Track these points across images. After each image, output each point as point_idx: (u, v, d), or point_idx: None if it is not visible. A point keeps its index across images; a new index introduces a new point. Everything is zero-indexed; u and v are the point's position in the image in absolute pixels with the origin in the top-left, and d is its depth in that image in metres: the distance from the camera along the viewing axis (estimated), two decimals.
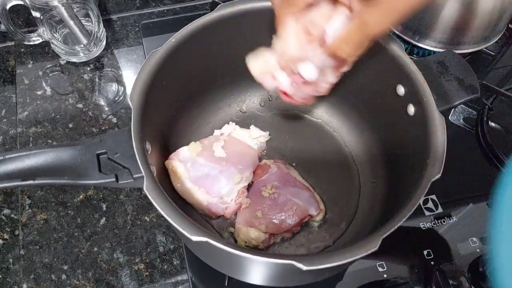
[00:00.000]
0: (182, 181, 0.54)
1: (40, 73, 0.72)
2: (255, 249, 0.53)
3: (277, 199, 0.54)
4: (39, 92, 0.70)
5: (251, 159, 0.58)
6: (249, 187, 0.57)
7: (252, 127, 0.63)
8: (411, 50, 0.74)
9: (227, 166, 0.56)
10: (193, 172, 0.55)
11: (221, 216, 0.56)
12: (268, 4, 0.53)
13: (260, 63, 0.48)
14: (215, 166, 0.55)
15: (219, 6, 0.52)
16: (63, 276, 0.55)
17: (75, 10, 0.67)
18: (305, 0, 0.41)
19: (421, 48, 0.72)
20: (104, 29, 0.74)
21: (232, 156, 0.57)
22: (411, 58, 0.50)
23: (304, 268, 0.35)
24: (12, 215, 0.59)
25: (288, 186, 0.55)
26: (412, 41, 0.71)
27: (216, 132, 0.62)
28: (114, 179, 0.41)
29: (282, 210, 0.53)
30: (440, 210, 0.60)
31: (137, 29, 0.78)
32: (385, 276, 0.54)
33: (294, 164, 0.61)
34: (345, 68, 0.45)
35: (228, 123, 0.63)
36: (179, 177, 0.54)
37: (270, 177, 0.57)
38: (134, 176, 0.41)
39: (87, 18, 0.72)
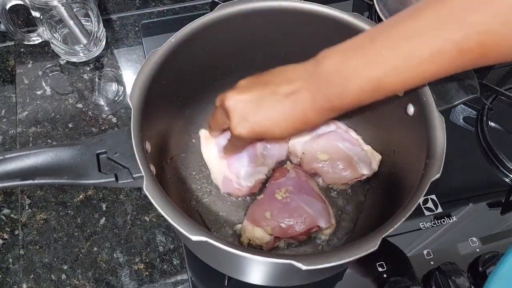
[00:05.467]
0: (210, 148, 0.58)
1: (40, 73, 0.72)
2: (256, 249, 0.53)
3: (289, 204, 0.53)
4: (38, 92, 0.70)
5: (278, 151, 0.59)
6: (264, 185, 0.58)
7: None
8: None
9: (254, 148, 0.57)
10: (223, 142, 0.57)
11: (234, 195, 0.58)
12: (268, 4, 0.53)
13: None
14: None
15: (219, 6, 0.52)
16: (63, 276, 0.55)
17: (75, 10, 0.67)
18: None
19: None
20: (104, 29, 0.74)
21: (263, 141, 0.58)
22: None
23: (304, 267, 0.35)
24: (12, 215, 0.59)
25: (303, 193, 0.55)
26: None
27: None
28: (113, 179, 0.41)
29: (291, 216, 0.52)
30: (440, 210, 0.60)
31: (137, 29, 0.78)
32: (385, 276, 0.54)
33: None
34: None
35: None
36: (209, 143, 0.58)
37: (287, 181, 0.56)
38: (134, 175, 0.41)
39: (87, 18, 0.72)
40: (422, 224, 0.59)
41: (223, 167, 0.57)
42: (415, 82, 0.36)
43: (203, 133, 0.60)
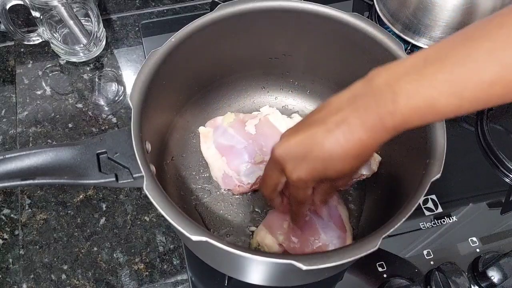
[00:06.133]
0: (209, 145, 0.58)
1: (40, 73, 0.72)
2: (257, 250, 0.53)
3: (307, 222, 0.52)
4: (38, 92, 0.70)
5: None
6: None
7: (295, 115, 0.64)
8: (411, 50, 0.74)
9: (253, 144, 0.58)
10: (220, 139, 0.58)
11: (235, 191, 0.58)
12: (268, 4, 0.53)
13: None
14: (242, 141, 0.58)
15: (219, 6, 0.52)
16: (63, 276, 0.55)
17: (75, 10, 0.67)
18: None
19: (421, 48, 0.72)
20: (104, 29, 0.74)
21: (261, 137, 0.58)
22: None
23: (304, 267, 0.35)
24: (12, 215, 0.59)
25: (325, 216, 0.53)
26: (412, 41, 0.71)
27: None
28: (114, 179, 0.41)
29: (304, 234, 0.51)
30: (440, 210, 0.60)
31: (137, 29, 0.78)
32: (385, 276, 0.54)
33: None
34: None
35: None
36: (208, 141, 0.59)
37: None
38: (134, 175, 0.41)
39: (87, 18, 0.72)
40: (422, 224, 0.59)
41: (222, 164, 0.57)
42: (470, 106, 0.34)
43: (202, 130, 0.60)
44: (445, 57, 0.34)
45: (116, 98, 0.70)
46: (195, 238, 0.36)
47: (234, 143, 0.58)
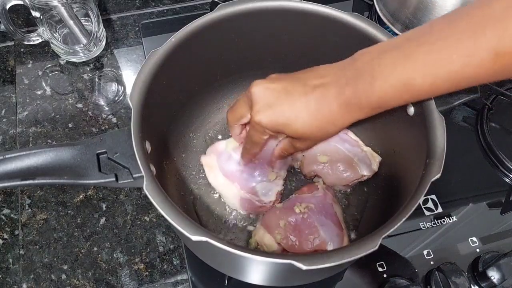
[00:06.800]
0: (215, 174, 0.56)
1: (40, 73, 0.72)
2: (257, 249, 0.53)
3: (304, 220, 0.52)
4: (38, 92, 0.70)
5: (284, 159, 0.58)
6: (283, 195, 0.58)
7: None
8: None
9: (262, 163, 0.56)
10: (226, 166, 0.56)
11: (258, 212, 0.57)
12: (268, 4, 0.53)
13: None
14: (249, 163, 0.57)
15: (219, 6, 0.52)
16: (63, 276, 0.55)
17: (75, 10, 0.67)
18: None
19: None
20: (104, 29, 0.74)
21: (268, 151, 0.56)
22: None
23: (304, 267, 0.35)
24: (12, 215, 0.59)
25: (322, 214, 0.53)
26: None
27: None
28: (114, 179, 0.41)
29: (302, 232, 0.51)
30: (440, 210, 0.60)
31: (137, 29, 0.78)
32: (385, 276, 0.54)
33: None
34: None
35: None
36: (213, 170, 0.57)
37: (311, 198, 0.54)
38: (134, 175, 0.41)
39: (87, 18, 0.72)
40: (422, 224, 0.59)
41: (235, 190, 0.55)
42: (443, 86, 0.35)
43: (205, 160, 0.58)
44: (426, 34, 0.35)
45: (116, 98, 0.70)
46: (195, 238, 0.36)
47: (242, 166, 0.56)
